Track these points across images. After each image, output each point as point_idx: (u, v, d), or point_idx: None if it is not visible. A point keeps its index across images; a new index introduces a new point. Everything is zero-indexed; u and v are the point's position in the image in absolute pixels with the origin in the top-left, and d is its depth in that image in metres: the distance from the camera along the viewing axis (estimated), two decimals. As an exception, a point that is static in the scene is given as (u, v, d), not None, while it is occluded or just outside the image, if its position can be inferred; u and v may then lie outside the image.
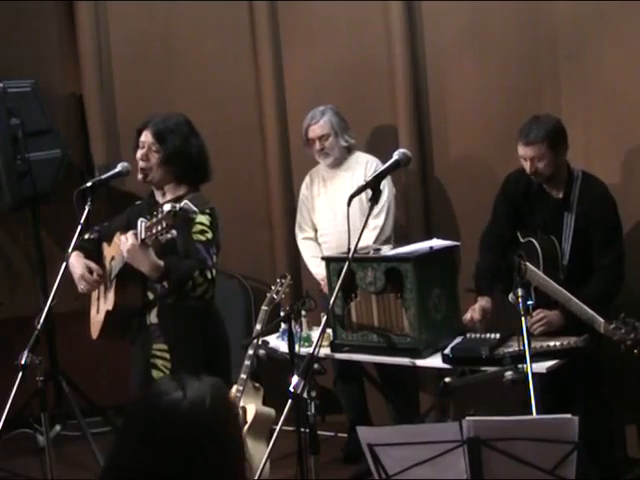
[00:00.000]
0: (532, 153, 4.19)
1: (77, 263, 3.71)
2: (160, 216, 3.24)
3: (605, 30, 4.74)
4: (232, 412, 1.86)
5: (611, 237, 4.24)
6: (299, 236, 5.24)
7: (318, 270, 5.06)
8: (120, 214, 3.88)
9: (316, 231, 5.21)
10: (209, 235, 3.52)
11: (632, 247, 4.54)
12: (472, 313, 4.37)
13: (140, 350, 3.67)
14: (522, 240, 4.34)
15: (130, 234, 3.36)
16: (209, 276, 3.46)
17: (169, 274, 3.40)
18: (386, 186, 4.92)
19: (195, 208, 3.28)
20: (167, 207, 3.23)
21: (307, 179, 5.23)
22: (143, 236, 3.30)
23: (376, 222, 4.95)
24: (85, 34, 5.77)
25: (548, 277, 4.02)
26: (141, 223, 3.32)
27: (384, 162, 3.51)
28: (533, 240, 4.27)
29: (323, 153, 5.03)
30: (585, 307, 3.92)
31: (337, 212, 5.04)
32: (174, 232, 3.27)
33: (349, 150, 5.09)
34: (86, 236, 3.80)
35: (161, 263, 3.40)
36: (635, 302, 4.58)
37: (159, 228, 3.24)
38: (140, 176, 3.65)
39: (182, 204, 3.24)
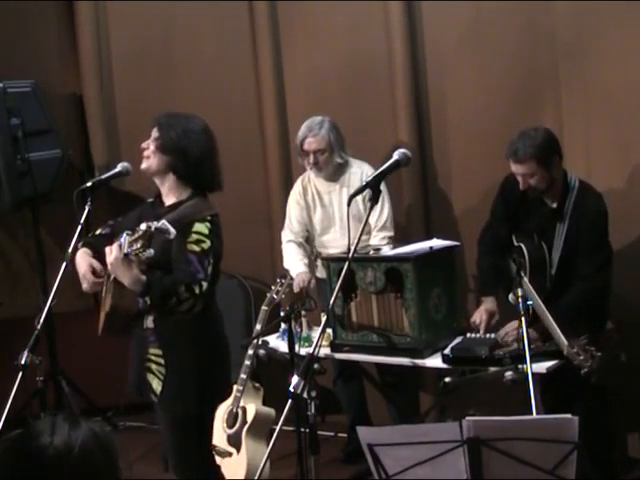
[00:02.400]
0: (522, 170, 4.16)
1: (82, 262, 3.67)
2: (137, 235, 3.23)
3: (605, 30, 4.74)
4: (106, 463, 1.81)
5: (594, 248, 4.19)
6: (284, 239, 5.21)
7: (298, 268, 5.01)
8: (133, 210, 3.81)
9: (303, 238, 5.16)
10: (205, 245, 3.44)
11: (632, 254, 4.54)
12: (478, 317, 4.36)
13: (137, 353, 3.65)
14: (515, 244, 4.33)
15: (115, 246, 3.33)
16: (197, 290, 3.38)
17: (149, 291, 3.35)
18: (386, 202, 4.92)
19: (172, 229, 3.23)
20: (143, 226, 3.22)
21: (299, 188, 5.14)
22: (126, 250, 3.28)
23: (386, 233, 4.94)
24: (85, 34, 5.77)
25: (534, 284, 4.00)
26: (125, 236, 3.29)
27: (384, 163, 3.50)
28: (522, 246, 4.26)
29: (316, 167, 4.96)
30: (555, 325, 3.90)
31: (337, 226, 5.04)
32: (151, 251, 3.24)
33: (343, 164, 5.01)
34: (98, 231, 3.76)
35: (143, 278, 3.35)
36: (633, 314, 4.58)
37: (138, 246, 3.23)
38: (142, 165, 3.63)
39: (159, 224, 3.22)
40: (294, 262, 5.08)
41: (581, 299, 4.16)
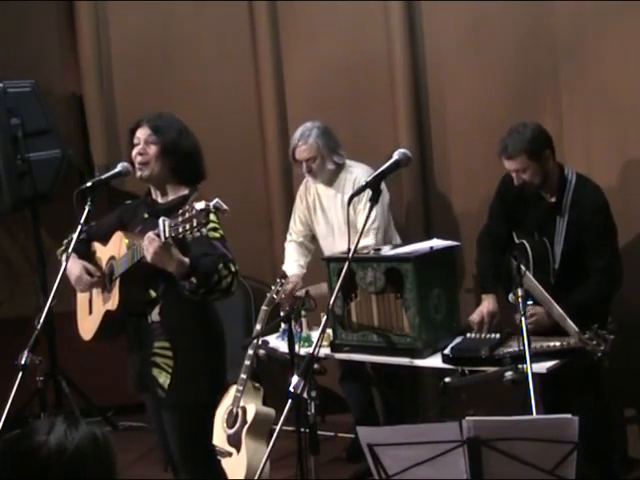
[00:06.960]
0: (514, 166, 4.17)
1: (73, 265, 3.70)
2: (188, 215, 3.20)
3: (605, 30, 4.74)
4: (99, 468, 1.81)
5: (602, 241, 4.19)
6: (287, 240, 5.23)
7: (291, 270, 5.05)
8: (109, 214, 3.87)
9: (305, 237, 5.17)
10: (221, 231, 3.53)
11: (630, 253, 4.53)
12: (478, 316, 4.35)
13: (138, 350, 3.66)
14: (516, 241, 4.34)
15: (152, 235, 3.31)
16: (232, 268, 3.45)
17: (195, 269, 3.38)
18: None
19: (226, 206, 3.26)
20: (200, 205, 3.19)
21: (302, 188, 5.15)
22: (167, 235, 3.25)
23: (364, 242, 4.74)
24: (85, 34, 5.78)
25: (538, 280, 4.01)
26: (164, 222, 3.26)
27: (384, 163, 3.49)
28: (524, 242, 4.27)
29: (311, 174, 4.95)
30: (564, 315, 3.92)
31: (335, 231, 5.02)
32: (204, 230, 3.25)
33: (339, 168, 4.97)
34: (74, 237, 3.76)
35: (186, 260, 3.38)
36: (632, 313, 4.57)
37: (188, 227, 3.19)
38: (139, 173, 3.64)
39: (214, 202, 3.21)
40: (289, 263, 5.12)
41: (597, 292, 4.17)
